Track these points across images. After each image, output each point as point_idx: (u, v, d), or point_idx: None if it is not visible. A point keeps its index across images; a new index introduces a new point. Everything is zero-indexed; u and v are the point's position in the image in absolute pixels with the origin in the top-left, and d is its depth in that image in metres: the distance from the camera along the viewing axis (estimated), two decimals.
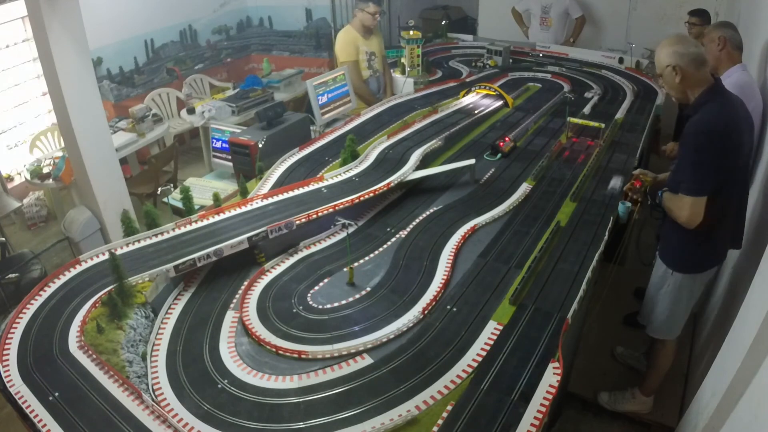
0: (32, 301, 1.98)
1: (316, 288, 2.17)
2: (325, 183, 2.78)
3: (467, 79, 4.76)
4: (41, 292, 2.02)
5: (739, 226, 2.53)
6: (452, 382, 1.70)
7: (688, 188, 2.24)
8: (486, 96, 4.18)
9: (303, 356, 1.82)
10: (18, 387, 1.65)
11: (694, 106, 2.28)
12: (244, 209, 2.51)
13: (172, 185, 5.23)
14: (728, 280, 2.92)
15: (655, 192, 2.49)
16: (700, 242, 2.41)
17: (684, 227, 2.32)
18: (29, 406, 1.59)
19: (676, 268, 2.54)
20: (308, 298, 2.11)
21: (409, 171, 2.85)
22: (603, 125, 3.41)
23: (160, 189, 5.10)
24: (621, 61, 5.07)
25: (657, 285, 2.65)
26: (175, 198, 3.19)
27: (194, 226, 2.39)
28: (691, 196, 2.23)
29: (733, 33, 3.12)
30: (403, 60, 4.76)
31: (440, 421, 1.57)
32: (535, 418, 1.57)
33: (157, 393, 1.69)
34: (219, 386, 1.72)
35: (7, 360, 1.74)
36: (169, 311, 2.05)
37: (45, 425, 1.53)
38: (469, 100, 4.14)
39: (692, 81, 2.26)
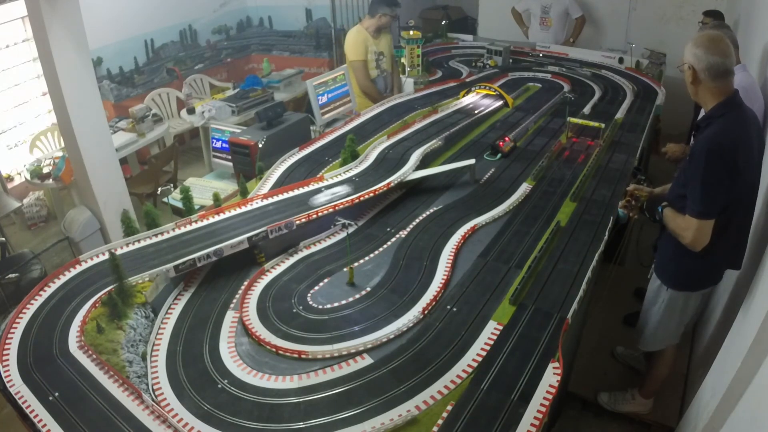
0: (32, 301, 1.98)
1: (316, 288, 2.17)
2: (325, 183, 2.78)
3: (467, 79, 4.76)
4: (41, 292, 2.02)
5: (740, 246, 2.36)
6: (452, 382, 1.70)
7: (696, 210, 2.11)
8: (486, 96, 4.18)
9: (303, 356, 1.82)
10: (18, 387, 1.65)
11: (707, 118, 2.16)
12: (244, 209, 2.51)
13: (172, 185, 5.23)
14: (728, 280, 2.92)
15: (653, 206, 2.39)
16: (697, 261, 2.30)
17: (680, 244, 2.24)
18: (29, 406, 1.59)
19: (669, 285, 2.47)
20: (308, 298, 2.11)
21: (409, 171, 2.85)
22: (603, 125, 3.41)
23: (160, 189, 5.12)
24: (621, 61, 5.07)
25: (651, 300, 2.60)
26: (175, 198, 3.19)
27: (194, 226, 2.39)
28: (698, 219, 2.11)
29: (728, 32, 3.12)
30: (403, 60, 4.76)
31: (440, 421, 1.57)
32: (535, 418, 1.57)
33: (157, 393, 1.69)
34: (219, 386, 1.72)
35: (7, 360, 1.74)
36: (169, 311, 2.05)
37: (45, 425, 1.53)
38: (469, 100, 4.14)
39: (706, 89, 2.14)
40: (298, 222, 2.38)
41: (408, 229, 2.54)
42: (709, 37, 2.13)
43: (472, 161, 2.96)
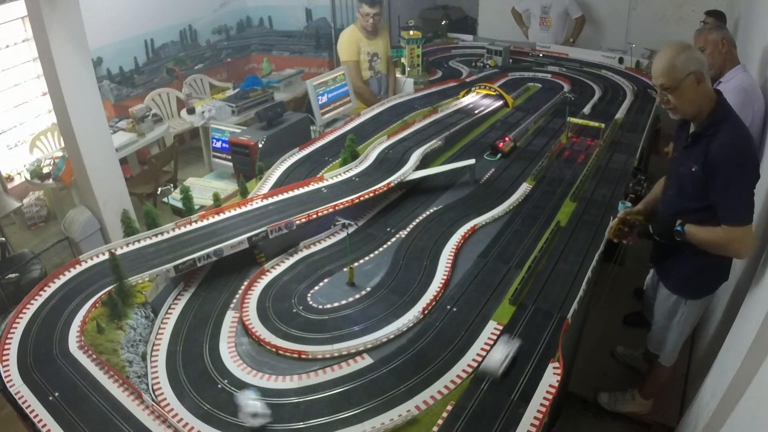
0: (32, 301, 1.98)
1: (316, 288, 2.17)
2: (325, 183, 2.78)
3: (467, 79, 4.76)
4: (41, 292, 2.02)
5: None
6: (452, 382, 1.70)
7: (742, 218, 2.03)
8: (486, 96, 4.19)
9: (303, 356, 1.82)
10: (18, 387, 1.65)
11: (710, 126, 2.08)
12: (244, 209, 2.51)
13: (172, 185, 5.23)
14: (729, 280, 2.92)
15: (665, 227, 2.23)
16: (716, 266, 2.28)
17: (697, 254, 2.18)
18: (29, 406, 1.59)
19: (690, 296, 2.42)
20: (308, 298, 2.11)
21: (409, 171, 2.85)
22: (603, 125, 3.41)
23: (160, 189, 5.11)
24: (621, 61, 5.07)
25: (668, 315, 2.51)
26: (175, 198, 3.20)
27: (194, 226, 2.39)
28: (743, 225, 2.02)
29: (726, 33, 3.10)
30: (403, 60, 4.76)
31: (440, 421, 1.57)
32: (535, 418, 1.57)
33: (157, 393, 1.69)
34: (219, 386, 1.72)
35: (7, 360, 1.74)
36: (169, 311, 2.05)
37: (45, 425, 1.53)
38: (469, 100, 4.14)
39: (704, 92, 2.07)
40: (298, 222, 2.38)
41: (408, 229, 2.54)
42: (683, 43, 2.10)
43: (472, 161, 2.96)
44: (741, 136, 2.07)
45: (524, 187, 2.88)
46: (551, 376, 1.70)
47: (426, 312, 2.01)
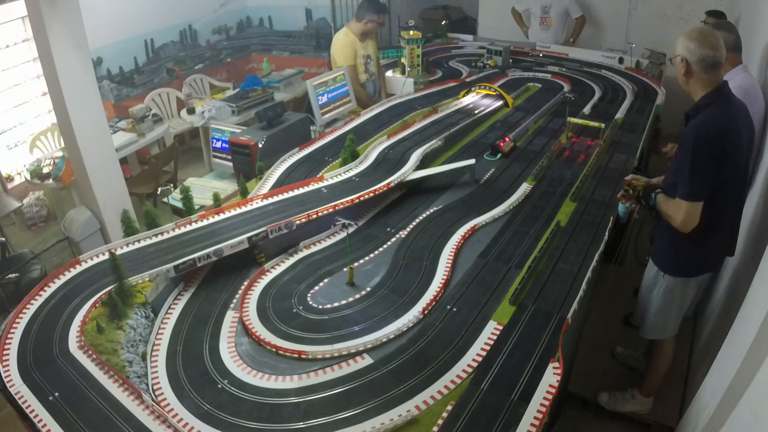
0: (32, 301, 1.99)
1: (316, 288, 2.17)
2: (325, 183, 2.78)
3: (467, 79, 4.76)
4: (41, 292, 2.02)
5: (733, 234, 2.45)
6: (452, 382, 1.71)
7: (685, 192, 2.19)
8: (486, 96, 4.19)
9: (303, 356, 1.82)
10: (18, 387, 1.65)
11: (696, 108, 2.25)
12: (244, 209, 2.51)
13: (172, 185, 5.23)
14: (728, 279, 2.93)
15: (649, 195, 2.44)
16: (693, 247, 2.36)
17: (677, 230, 2.28)
18: (29, 406, 1.59)
19: (666, 271, 2.50)
20: (308, 298, 2.11)
21: (409, 171, 2.85)
22: (603, 125, 3.41)
23: (160, 189, 5.11)
24: (621, 61, 5.07)
25: (649, 286, 2.62)
26: (175, 198, 3.20)
27: (194, 226, 2.39)
28: (687, 200, 2.18)
29: (730, 35, 3.06)
30: (403, 60, 4.76)
31: (440, 421, 1.57)
32: (535, 418, 1.57)
33: (157, 393, 1.69)
34: (219, 386, 1.72)
35: (7, 360, 1.74)
36: (169, 311, 2.05)
37: (45, 425, 1.53)
38: (469, 100, 4.14)
39: (697, 80, 2.23)
40: (298, 222, 2.38)
41: (408, 229, 2.54)
42: (700, 32, 2.24)
43: (472, 161, 2.96)
44: (713, 121, 2.15)
45: (524, 187, 2.88)
46: (551, 376, 1.70)
47: (426, 312, 2.01)
